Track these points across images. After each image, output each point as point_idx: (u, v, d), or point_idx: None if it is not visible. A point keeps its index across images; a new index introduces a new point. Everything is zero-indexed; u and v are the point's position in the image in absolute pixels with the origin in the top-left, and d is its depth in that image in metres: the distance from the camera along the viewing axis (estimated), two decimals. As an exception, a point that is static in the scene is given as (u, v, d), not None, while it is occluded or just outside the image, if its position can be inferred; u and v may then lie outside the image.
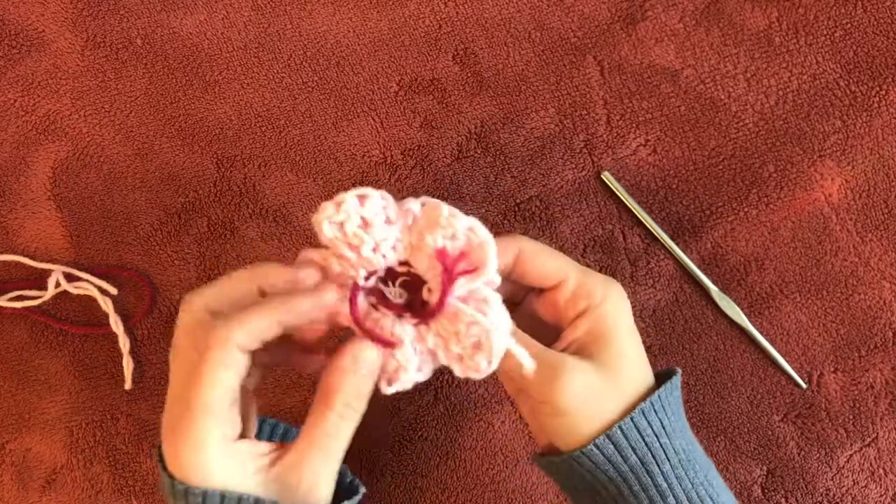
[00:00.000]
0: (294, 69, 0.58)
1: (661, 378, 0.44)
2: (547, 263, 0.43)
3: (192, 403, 0.37)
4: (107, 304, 0.57)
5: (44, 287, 0.58)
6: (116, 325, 0.57)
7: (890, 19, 0.55)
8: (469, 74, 0.57)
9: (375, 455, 0.57)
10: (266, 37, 0.58)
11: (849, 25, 0.55)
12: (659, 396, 0.42)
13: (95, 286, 0.58)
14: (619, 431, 0.41)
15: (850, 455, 0.54)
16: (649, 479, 0.42)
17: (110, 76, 0.59)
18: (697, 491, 0.42)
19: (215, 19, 0.58)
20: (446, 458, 0.56)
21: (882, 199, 0.55)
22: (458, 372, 0.39)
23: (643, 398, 0.42)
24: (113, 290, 0.58)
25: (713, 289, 0.55)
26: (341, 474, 0.41)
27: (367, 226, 0.39)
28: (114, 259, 0.58)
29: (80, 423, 0.58)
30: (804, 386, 0.54)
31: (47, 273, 0.58)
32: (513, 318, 0.40)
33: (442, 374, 0.56)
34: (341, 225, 0.39)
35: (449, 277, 0.39)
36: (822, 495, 0.54)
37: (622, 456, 0.41)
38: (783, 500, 0.54)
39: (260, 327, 0.38)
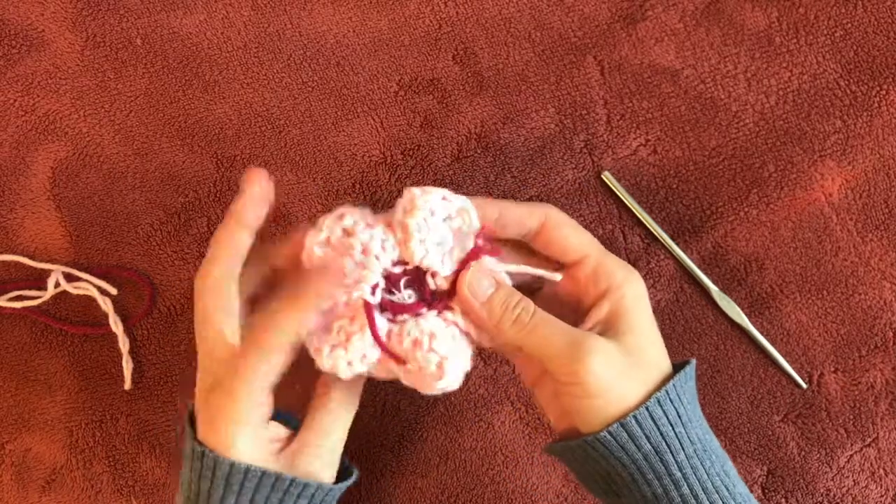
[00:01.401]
0: (294, 69, 0.58)
1: (677, 368, 0.44)
2: (570, 237, 0.44)
3: (238, 388, 0.41)
4: (106, 304, 0.57)
5: (44, 287, 0.58)
6: (116, 325, 0.57)
7: (890, 19, 0.55)
8: (469, 74, 0.57)
9: (375, 455, 0.57)
10: (266, 37, 0.58)
11: (849, 25, 0.55)
12: (675, 385, 0.42)
13: (95, 286, 0.58)
14: (633, 420, 0.41)
15: (851, 455, 0.54)
16: (663, 467, 0.41)
17: (110, 76, 0.59)
18: (713, 481, 0.42)
19: (215, 19, 0.58)
20: (446, 458, 0.56)
21: (882, 199, 0.55)
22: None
23: (660, 387, 0.42)
24: (113, 290, 0.58)
25: (713, 289, 0.55)
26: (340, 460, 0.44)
27: (350, 234, 0.42)
28: (114, 259, 0.58)
29: (80, 423, 0.58)
30: (804, 386, 0.54)
31: (47, 273, 0.58)
32: (536, 302, 0.42)
33: (442, 374, 0.56)
34: (327, 241, 0.42)
35: (475, 253, 0.42)
36: (822, 495, 0.54)
37: (636, 444, 0.41)
38: (783, 500, 0.54)
39: (229, 250, 0.43)
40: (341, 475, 0.44)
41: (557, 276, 0.43)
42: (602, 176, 0.56)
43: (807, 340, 0.55)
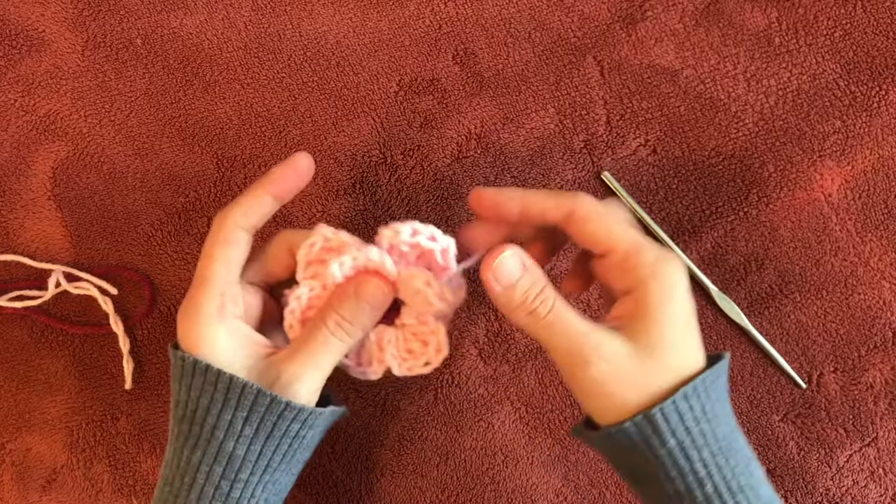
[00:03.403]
0: (294, 69, 0.58)
1: (712, 360, 0.43)
2: (597, 231, 0.43)
3: (197, 277, 0.44)
4: (107, 304, 0.57)
5: (44, 287, 0.58)
6: (116, 325, 0.57)
7: (890, 19, 0.55)
8: (469, 74, 0.57)
9: (375, 455, 0.57)
10: (266, 37, 0.58)
11: (849, 25, 0.55)
12: (704, 380, 0.41)
13: (95, 286, 0.58)
14: (658, 413, 0.40)
15: (850, 455, 0.54)
16: (687, 464, 0.40)
17: (110, 76, 0.59)
18: (739, 480, 0.40)
19: (215, 19, 0.58)
20: (446, 458, 0.56)
21: (882, 199, 0.55)
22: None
23: (687, 381, 0.41)
24: (113, 290, 0.58)
25: (713, 289, 0.55)
26: (327, 397, 0.46)
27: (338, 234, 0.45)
28: (114, 259, 0.58)
29: (80, 423, 0.58)
30: (804, 386, 0.54)
31: (47, 273, 0.58)
32: (587, 275, 0.46)
33: (442, 374, 0.56)
34: (312, 245, 0.45)
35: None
36: (821, 495, 0.54)
37: (660, 439, 0.40)
38: (783, 499, 0.54)
39: (253, 204, 0.44)
40: (322, 403, 0.45)
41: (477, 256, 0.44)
42: (602, 176, 0.56)
43: (806, 340, 0.55)
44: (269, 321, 0.47)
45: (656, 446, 0.40)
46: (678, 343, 0.42)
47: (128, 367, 0.57)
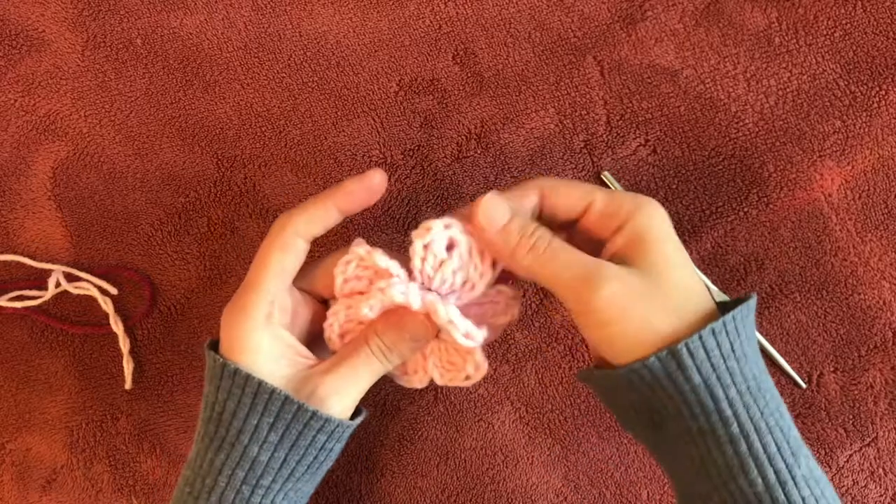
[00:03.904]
0: (294, 69, 0.58)
1: (732, 304, 0.42)
2: (571, 193, 0.42)
3: (249, 280, 0.43)
4: (107, 304, 0.57)
5: (44, 287, 0.58)
6: (116, 325, 0.57)
7: (890, 19, 0.55)
8: (469, 74, 0.57)
9: (375, 455, 0.57)
10: (266, 37, 0.58)
11: (849, 25, 0.55)
12: (733, 317, 0.39)
13: (95, 286, 0.58)
14: (684, 348, 0.38)
15: (850, 455, 0.54)
16: (713, 402, 0.38)
17: (110, 76, 0.59)
18: (767, 421, 0.39)
19: (215, 19, 0.58)
20: (446, 458, 0.56)
21: (882, 199, 0.55)
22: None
23: (707, 318, 0.40)
24: (113, 290, 0.58)
25: (713, 289, 0.55)
26: (357, 408, 0.46)
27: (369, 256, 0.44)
28: (114, 259, 0.58)
29: (80, 423, 0.58)
30: (804, 386, 0.54)
31: (47, 273, 0.58)
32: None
33: (442, 374, 0.56)
34: (347, 263, 0.45)
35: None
36: (821, 495, 0.54)
37: (685, 375, 0.38)
38: (783, 499, 0.54)
39: (319, 213, 0.43)
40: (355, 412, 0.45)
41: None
42: (602, 176, 0.56)
43: (806, 340, 0.55)
44: (319, 331, 0.46)
45: (681, 382, 0.38)
46: (677, 269, 0.41)
47: (128, 367, 0.57)
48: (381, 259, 0.43)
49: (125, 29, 0.59)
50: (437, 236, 0.42)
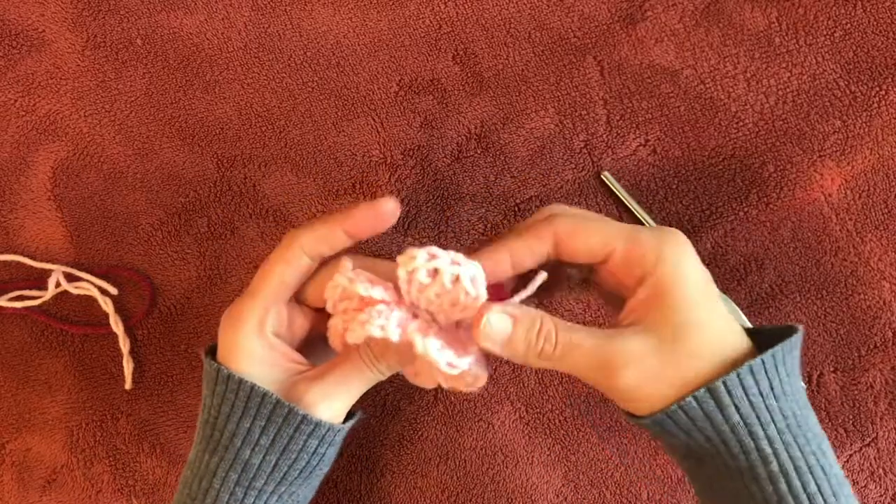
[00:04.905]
0: (294, 69, 0.58)
1: (767, 333, 0.41)
2: (589, 241, 0.41)
3: (250, 287, 0.44)
4: (107, 304, 0.57)
5: (44, 287, 0.58)
6: (116, 325, 0.57)
7: (890, 19, 0.55)
8: (469, 74, 0.57)
9: (375, 455, 0.57)
10: (266, 37, 0.58)
11: (849, 25, 0.55)
12: (773, 355, 0.39)
13: (95, 286, 0.58)
14: (721, 386, 0.38)
15: (850, 455, 0.54)
16: (752, 441, 0.38)
17: (110, 76, 0.59)
18: (808, 460, 0.38)
19: (215, 19, 0.58)
20: (446, 458, 0.56)
21: (882, 199, 0.55)
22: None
23: (745, 356, 0.39)
24: (113, 290, 0.58)
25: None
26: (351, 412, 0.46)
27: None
28: (114, 259, 0.58)
29: (80, 423, 0.58)
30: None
31: (47, 273, 0.58)
32: (590, 293, 0.43)
33: (442, 374, 0.56)
34: (335, 288, 0.44)
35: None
36: (821, 495, 0.54)
37: (723, 414, 0.38)
38: (783, 499, 0.54)
39: (327, 234, 0.43)
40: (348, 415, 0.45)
41: (542, 275, 0.42)
42: (602, 176, 0.56)
43: (806, 340, 0.55)
44: (320, 337, 0.46)
45: (719, 422, 0.38)
46: (704, 324, 0.40)
47: (128, 367, 0.57)
48: (363, 288, 0.43)
49: (125, 29, 0.59)
50: (420, 265, 0.42)
